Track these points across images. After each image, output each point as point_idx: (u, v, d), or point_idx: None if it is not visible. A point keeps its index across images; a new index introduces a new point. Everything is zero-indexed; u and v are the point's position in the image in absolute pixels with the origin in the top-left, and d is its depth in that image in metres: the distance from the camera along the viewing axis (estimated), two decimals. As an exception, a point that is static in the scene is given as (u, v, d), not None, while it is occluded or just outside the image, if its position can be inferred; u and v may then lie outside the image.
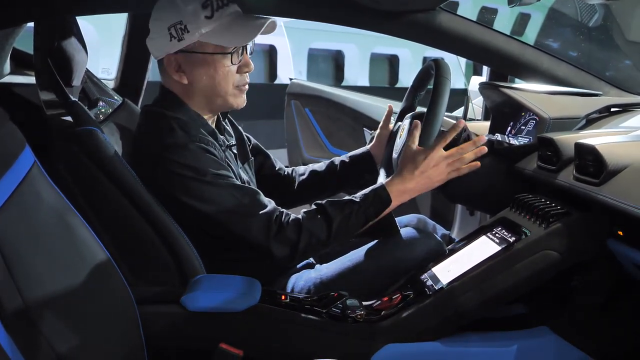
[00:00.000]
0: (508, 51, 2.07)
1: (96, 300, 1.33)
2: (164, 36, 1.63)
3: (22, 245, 1.19)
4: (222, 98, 1.68)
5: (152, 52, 1.70)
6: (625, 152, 1.40)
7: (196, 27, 1.60)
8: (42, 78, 1.60)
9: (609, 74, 2.55)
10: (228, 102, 1.69)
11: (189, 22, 1.60)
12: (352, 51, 9.86)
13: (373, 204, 1.65)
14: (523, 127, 1.99)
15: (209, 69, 1.64)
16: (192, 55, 1.64)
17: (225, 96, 1.68)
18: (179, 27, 1.60)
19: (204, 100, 1.69)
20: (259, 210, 1.59)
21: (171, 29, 1.61)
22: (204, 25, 1.61)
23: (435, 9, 1.99)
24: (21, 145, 1.30)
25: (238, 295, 1.50)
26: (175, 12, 1.61)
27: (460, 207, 2.62)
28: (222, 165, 1.62)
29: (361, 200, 1.65)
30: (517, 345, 1.48)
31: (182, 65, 1.65)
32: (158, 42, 1.65)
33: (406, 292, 1.59)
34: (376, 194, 1.66)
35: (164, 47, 1.64)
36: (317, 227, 1.60)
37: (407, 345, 1.48)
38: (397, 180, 1.67)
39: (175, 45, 1.62)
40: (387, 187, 1.66)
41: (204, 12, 1.60)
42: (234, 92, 1.69)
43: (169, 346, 1.50)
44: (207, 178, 1.57)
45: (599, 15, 3.06)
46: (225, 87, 1.66)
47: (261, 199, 1.62)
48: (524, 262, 1.48)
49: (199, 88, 1.66)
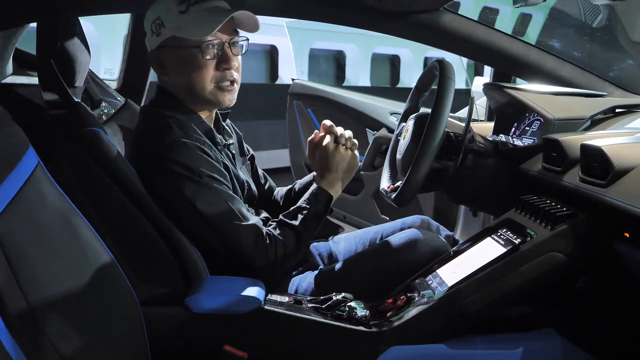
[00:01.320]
0: (512, 52, 2.07)
1: (100, 302, 1.33)
2: (148, 33, 1.69)
3: (25, 246, 1.18)
4: (201, 95, 1.67)
5: None
6: (632, 154, 1.39)
7: (171, 22, 1.63)
8: (44, 79, 1.60)
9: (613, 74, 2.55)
10: (208, 99, 1.68)
11: (165, 18, 1.64)
12: (354, 51, 9.85)
13: (319, 201, 1.76)
14: (527, 128, 1.99)
15: (183, 64, 1.66)
16: (168, 51, 1.67)
17: (203, 93, 1.67)
18: (157, 23, 1.65)
19: (189, 98, 1.69)
20: (248, 220, 1.63)
21: (152, 25, 1.66)
22: (178, 20, 1.63)
23: (439, 10, 1.99)
24: (25, 146, 1.30)
25: (242, 297, 1.49)
26: (155, 8, 1.66)
27: (464, 208, 2.62)
28: (216, 168, 1.63)
29: (309, 203, 1.75)
30: (522, 347, 1.47)
31: (163, 61, 1.69)
32: (147, 40, 1.71)
33: (411, 294, 1.59)
34: (317, 193, 1.77)
35: (148, 44, 1.70)
36: (287, 239, 1.68)
37: (412, 347, 1.47)
38: (324, 181, 1.80)
39: (155, 41, 1.67)
40: (320, 185, 1.79)
41: (179, 7, 1.63)
42: (212, 90, 1.67)
43: (173, 348, 1.49)
44: (204, 180, 1.58)
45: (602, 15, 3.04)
46: (200, 82, 1.66)
47: (247, 213, 1.66)
48: (530, 264, 1.47)
49: (178, 84, 1.69)
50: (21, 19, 1.83)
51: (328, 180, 1.81)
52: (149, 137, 1.63)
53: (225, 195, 1.61)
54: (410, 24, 1.99)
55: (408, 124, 1.92)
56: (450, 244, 1.92)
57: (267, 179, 2.07)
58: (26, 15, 1.80)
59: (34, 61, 1.66)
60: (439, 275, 1.62)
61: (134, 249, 1.55)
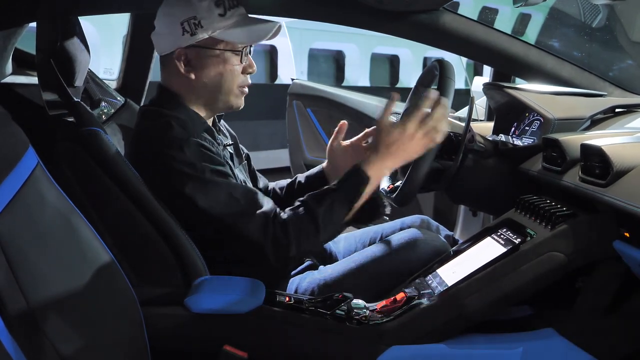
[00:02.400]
0: (512, 52, 2.07)
1: (100, 302, 1.33)
2: (175, 30, 1.64)
3: (25, 246, 1.18)
4: (225, 97, 1.70)
5: (159, 47, 1.71)
6: (632, 154, 1.40)
7: (210, 23, 1.63)
8: (44, 78, 1.60)
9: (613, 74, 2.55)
10: (230, 101, 1.71)
11: (203, 18, 1.63)
12: (353, 51, 9.86)
13: (352, 185, 1.61)
14: (527, 127, 1.99)
15: (218, 66, 1.67)
16: (203, 51, 1.66)
17: (228, 95, 1.70)
18: (193, 22, 1.63)
19: (206, 98, 1.70)
20: (257, 209, 1.58)
21: (184, 24, 1.63)
22: (217, 22, 1.64)
23: (439, 10, 1.99)
24: (24, 146, 1.30)
25: (242, 297, 1.49)
26: (189, 7, 1.63)
27: (463, 207, 2.62)
28: (220, 162, 1.62)
29: (339, 186, 1.62)
30: (522, 347, 1.47)
31: (191, 60, 1.67)
32: (167, 37, 1.66)
33: (411, 294, 1.59)
34: (352, 174, 1.62)
35: (175, 41, 1.65)
36: (304, 224, 1.57)
37: (412, 347, 1.47)
38: (373, 157, 1.62)
39: (188, 40, 1.64)
40: (362, 166, 1.62)
41: (218, 10, 1.64)
42: (236, 93, 1.71)
43: (173, 348, 1.49)
44: (206, 174, 1.57)
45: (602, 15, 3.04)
46: (230, 85, 1.69)
47: (259, 197, 1.61)
48: (530, 264, 1.47)
49: (205, 84, 1.68)
50: (21, 19, 1.83)
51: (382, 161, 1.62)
52: (150, 135, 1.62)
53: (230, 188, 1.59)
54: (410, 24, 1.99)
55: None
56: (450, 243, 1.92)
57: (260, 177, 2.06)
58: (26, 15, 1.80)
59: (34, 61, 1.65)
60: (439, 275, 1.62)
61: (134, 249, 1.55)
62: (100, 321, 1.31)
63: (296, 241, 1.56)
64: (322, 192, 1.62)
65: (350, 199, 1.60)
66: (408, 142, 1.61)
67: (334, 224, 1.60)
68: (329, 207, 1.58)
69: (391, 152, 1.61)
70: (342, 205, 1.60)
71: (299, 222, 1.57)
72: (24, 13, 1.79)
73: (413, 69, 10.54)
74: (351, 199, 1.60)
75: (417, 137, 1.61)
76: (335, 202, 1.59)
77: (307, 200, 1.60)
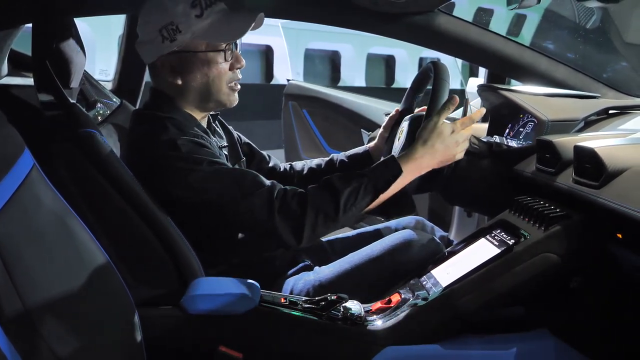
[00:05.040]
0: (506, 53, 2.08)
1: (96, 303, 1.33)
2: (155, 39, 1.63)
3: (21, 248, 1.18)
4: (216, 96, 1.69)
5: (143, 56, 1.70)
6: (625, 155, 1.40)
7: (188, 27, 1.61)
8: (40, 80, 1.60)
9: (607, 76, 2.56)
10: (221, 100, 1.70)
11: (180, 22, 1.61)
12: (349, 51, 9.88)
13: (383, 175, 1.61)
14: (521, 129, 2.00)
15: (203, 68, 1.65)
16: (185, 55, 1.64)
17: (218, 94, 1.69)
18: (171, 28, 1.61)
19: (197, 100, 1.69)
20: (259, 188, 1.57)
21: (162, 31, 1.62)
22: (195, 24, 1.61)
23: (434, 11, 2.00)
24: (20, 147, 1.30)
25: (237, 297, 1.49)
26: (164, 13, 1.61)
27: (458, 208, 2.63)
28: (216, 155, 1.62)
29: (370, 172, 1.62)
30: (516, 348, 1.48)
31: (176, 66, 1.66)
32: (149, 46, 1.66)
33: (406, 295, 1.59)
34: (386, 165, 1.63)
35: (156, 49, 1.64)
36: (324, 202, 1.56)
37: (406, 347, 1.48)
38: (413, 152, 1.64)
39: (169, 47, 1.63)
40: (399, 159, 1.64)
41: (194, 11, 1.61)
42: (227, 91, 1.70)
43: (169, 349, 1.50)
44: (204, 167, 1.56)
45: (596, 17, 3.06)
46: (219, 85, 1.68)
47: (260, 178, 1.60)
48: (524, 265, 1.48)
49: (193, 88, 1.67)
50: (17, 20, 1.83)
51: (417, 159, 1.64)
52: (146, 138, 1.62)
53: (228, 174, 1.58)
54: (405, 26, 2.00)
55: (403, 125, 1.92)
56: (445, 244, 1.93)
57: (270, 157, 2.06)
58: (22, 16, 1.80)
59: (29, 62, 1.65)
60: (433, 275, 1.63)
61: (130, 250, 1.55)
62: (96, 322, 1.31)
63: (312, 215, 1.55)
64: (350, 174, 1.62)
65: (377, 187, 1.60)
66: (453, 147, 1.65)
67: (356, 208, 1.59)
68: (354, 191, 1.58)
69: (433, 152, 1.64)
70: (367, 193, 1.60)
71: (319, 198, 1.56)
72: (20, 14, 1.78)
73: (409, 70, 10.56)
74: (379, 188, 1.61)
75: (451, 145, 1.65)
76: (362, 187, 1.59)
77: (332, 179, 1.60)
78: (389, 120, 2.05)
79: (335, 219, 1.57)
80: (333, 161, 2.04)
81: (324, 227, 1.58)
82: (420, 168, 1.65)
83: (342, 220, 1.60)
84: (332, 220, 1.57)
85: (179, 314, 1.49)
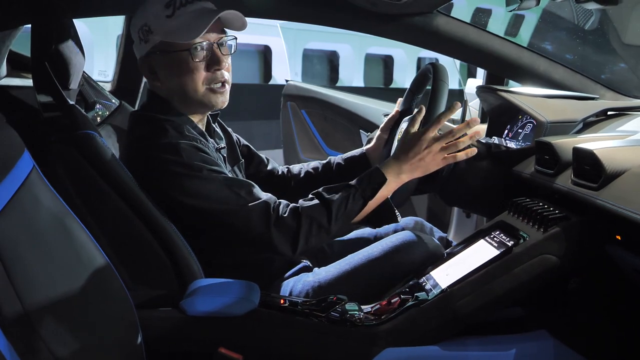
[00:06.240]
0: (505, 54, 2.09)
1: (95, 305, 1.33)
2: (136, 40, 1.69)
3: (21, 250, 1.18)
4: (194, 97, 1.67)
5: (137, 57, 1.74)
6: (624, 157, 1.40)
7: (159, 27, 1.63)
8: (39, 81, 1.60)
9: (605, 77, 2.56)
10: (202, 100, 1.67)
11: (152, 23, 1.63)
12: (347, 52, 9.88)
13: (369, 184, 1.67)
14: (520, 130, 2.00)
15: (174, 68, 1.65)
16: (158, 56, 1.66)
17: (196, 95, 1.66)
18: (145, 29, 1.65)
19: (181, 102, 1.69)
20: (256, 200, 1.59)
21: (139, 32, 1.66)
22: (165, 24, 1.62)
23: (432, 12, 2.00)
24: (20, 149, 1.30)
25: (237, 299, 1.49)
26: (142, 15, 1.66)
27: (457, 209, 2.63)
28: (215, 162, 1.62)
29: (357, 183, 1.67)
30: (515, 349, 1.48)
31: (154, 67, 1.68)
32: (135, 47, 1.71)
33: (405, 296, 1.59)
34: (371, 175, 1.68)
35: (137, 51, 1.70)
36: (316, 213, 1.61)
37: (406, 349, 1.48)
38: (392, 162, 1.70)
39: (144, 48, 1.67)
40: (381, 168, 1.69)
41: (166, 12, 1.62)
42: (204, 92, 1.66)
43: (168, 350, 1.49)
44: (203, 174, 1.57)
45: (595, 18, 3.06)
46: (192, 85, 1.65)
47: (257, 190, 1.62)
48: (523, 267, 1.48)
49: (171, 89, 1.68)
50: (15, 21, 1.83)
51: (400, 168, 1.68)
52: (145, 141, 1.62)
53: (227, 182, 1.59)
54: (404, 27, 2.00)
55: (402, 126, 1.93)
56: (444, 245, 1.93)
57: (269, 160, 2.06)
58: (21, 17, 1.80)
59: (28, 63, 1.65)
60: (432, 277, 1.63)
61: (129, 251, 1.55)
62: (95, 324, 1.31)
63: (307, 227, 1.59)
64: (338, 186, 1.66)
65: (365, 196, 1.66)
66: (426, 154, 1.67)
67: (346, 218, 1.65)
68: (344, 200, 1.63)
69: (408, 160, 1.68)
70: (356, 202, 1.65)
71: (312, 210, 1.61)
72: (19, 15, 1.78)
73: (407, 70, 10.57)
74: (366, 196, 1.66)
75: (435, 150, 1.67)
76: (350, 196, 1.64)
77: (321, 192, 1.65)
78: (387, 121, 2.05)
79: (328, 229, 1.63)
80: (330, 164, 2.05)
81: (317, 238, 1.63)
82: (406, 177, 1.70)
83: (334, 230, 1.65)
84: (326, 230, 1.63)
85: (178, 315, 1.49)
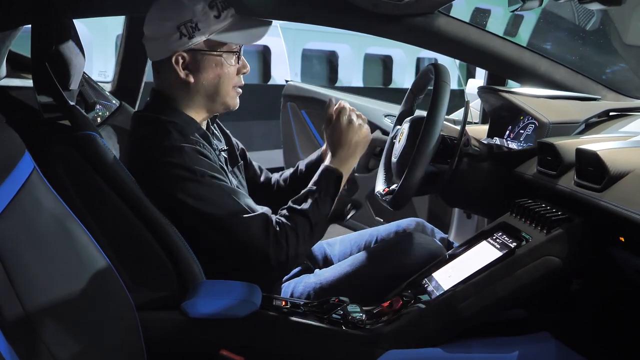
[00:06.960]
0: (506, 54, 2.08)
1: (96, 307, 1.33)
2: (172, 35, 1.65)
3: (21, 252, 1.18)
4: (223, 98, 1.72)
5: (153, 52, 1.71)
6: (627, 158, 1.40)
7: (207, 26, 1.65)
8: (39, 81, 1.59)
9: (607, 77, 2.56)
10: (227, 102, 1.73)
11: (200, 21, 1.64)
12: (346, 52, 9.88)
13: (329, 182, 1.71)
14: (522, 131, 1.99)
15: (215, 68, 1.68)
16: (200, 54, 1.67)
17: (225, 96, 1.72)
18: (190, 25, 1.64)
19: (204, 100, 1.71)
20: (256, 210, 1.60)
21: (181, 27, 1.64)
22: (213, 25, 1.65)
23: (434, 13, 2.00)
24: (20, 150, 1.29)
25: (239, 301, 1.49)
26: (184, 11, 1.64)
27: (458, 210, 2.63)
28: (217, 169, 1.63)
29: (317, 185, 1.70)
30: (518, 351, 1.48)
31: (189, 64, 1.67)
32: (162, 42, 1.67)
33: (407, 298, 1.59)
34: (325, 174, 1.73)
35: (172, 45, 1.66)
36: (298, 224, 1.63)
37: (408, 351, 1.47)
38: (333, 155, 1.76)
39: (186, 43, 1.65)
40: (330, 165, 1.74)
41: (213, 12, 1.66)
42: (233, 94, 1.73)
43: (170, 352, 1.49)
44: (205, 179, 1.58)
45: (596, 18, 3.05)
46: (226, 86, 1.71)
47: (254, 204, 1.64)
48: (525, 268, 1.47)
49: (203, 87, 1.69)
50: (15, 21, 1.82)
51: (340, 157, 1.76)
52: (148, 142, 1.62)
53: (229, 191, 1.60)
54: (405, 27, 1.99)
55: (403, 127, 1.92)
56: (445, 246, 1.92)
57: (262, 170, 2.07)
58: (21, 17, 1.79)
59: (28, 63, 1.65)
60: (434, 278, 1.63)
61: (130, 252, 1.54)
62: (96, 326, 1.31)
63: (295, 241, 1.60)
64: (302, 194, 1.70)
65: (329, 193, 1.70)
66: (353, 134, 1.76)
67: (322, 221, 1.68)
68: (315, 205, 1.66)
69: (345, 146, 1.75)
70: (325, 202, 1.69)
71: (294, 223, 1.62)
72: (19, 15, 1.78)
73: (406, 70, 10.57)
74: (331, 194, 1.70)
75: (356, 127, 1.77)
76: (317, 200, 1.67)
77: (291, 205, 1.67)
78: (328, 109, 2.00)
79: (312, 235, 1.66)
80: (296, 172, 2.05)
81: (305, 248, 1.66)
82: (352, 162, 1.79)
83: (316, 236, 1.69)
84: (310, 238, 1.66)
85: (179, 317, 1.48)
